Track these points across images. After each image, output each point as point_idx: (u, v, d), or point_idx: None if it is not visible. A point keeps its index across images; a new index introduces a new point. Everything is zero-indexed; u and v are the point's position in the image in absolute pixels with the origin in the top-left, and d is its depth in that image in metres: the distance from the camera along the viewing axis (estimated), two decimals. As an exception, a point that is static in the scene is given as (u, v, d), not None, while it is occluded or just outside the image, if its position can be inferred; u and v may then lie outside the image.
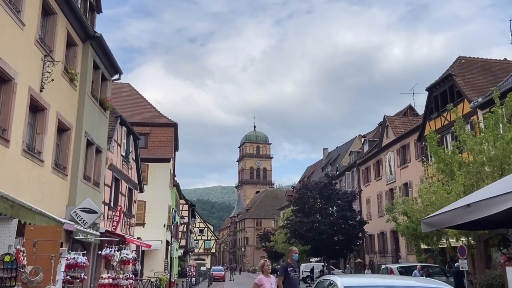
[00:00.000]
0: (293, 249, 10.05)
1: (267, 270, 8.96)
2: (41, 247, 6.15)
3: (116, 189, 21.19)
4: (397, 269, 23.57)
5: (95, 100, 16.73)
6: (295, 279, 9.56)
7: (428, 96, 31.39)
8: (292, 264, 9.68)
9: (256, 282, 8.77)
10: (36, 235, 6.16)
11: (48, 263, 6.16)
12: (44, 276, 6.01)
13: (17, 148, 11.04)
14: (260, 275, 9.00)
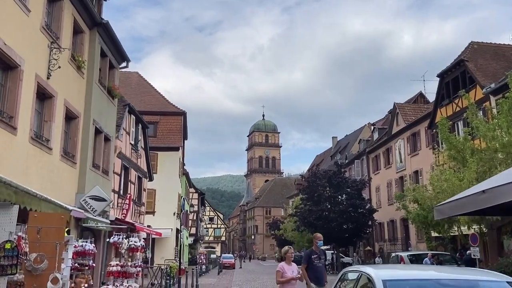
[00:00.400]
0: (317, 235, 9.52)
1: (290, 257, 8.60)
2: (45, 234, 6.02)
3: (126, 177, 21.19)
4: (408, 257, 23.39)
5: (103, 88, 16.65)
6: (319, 266, 9.13)
7: (439, 82, 30.92)
8: (317, 251, 9.24)
9: (279, 269, 8.45)
10: (40, 222, 6.03)
11: (53, 251, 6.04)
12: (49, 264, 5.90)
13: (25, 135, 10.99)
14: (282, 263, 8.67)
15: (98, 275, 15.90)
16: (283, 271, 8.33)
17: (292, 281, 8.30)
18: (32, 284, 5.71)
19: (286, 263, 8.51)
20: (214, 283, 26.55)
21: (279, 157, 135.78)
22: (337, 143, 75.17)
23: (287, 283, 8.29)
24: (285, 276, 8.31)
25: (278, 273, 8.37)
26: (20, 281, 5.65)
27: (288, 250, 8.69)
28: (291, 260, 8.58)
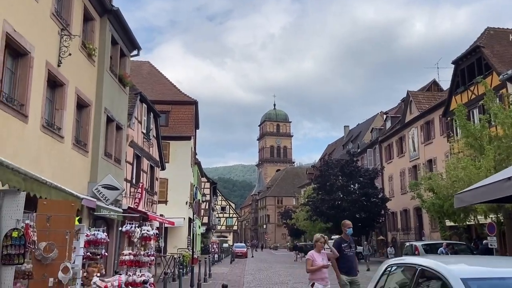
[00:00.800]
0: (346, 223, 9.03)
1: (320, 245, 8.26)
2: (55, 223, 5.83)
3: (138, 166, 21.13)
4: (422, 246, 23.13)
5: (114, 76, 16.52)
6: (350, 256, 8.68)
7: (454, 69, 30.38)
8: (347, 240, 8.76)
9: (308, 257, 8.20)
10: (49, 209, 5.82)
11: (63, 239, 5.85)
12: (59, 253, 5.73)
13: (36, 123, 10.90)
14: (312, 251, 8.36)
15: (111, 264, 15.90)
16: (313, 260, 8.05)
17: (323, 269, 8.05)
18: (42, 274, 5.55)
19: (316, 251, 8.24)
20: (226, 272, 26.53)
21: (290, 146, 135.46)
22: (349, 132, 74.65)
23: (318, 271, 8.01)
24: (315, 265, 8.04)
25: (308, 262, 8.10)
26: (28, 271, 5.49)
27: (319, 238, 8.35)
28: (321, 248, 8.28)
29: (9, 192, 5.18)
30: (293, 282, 20.04)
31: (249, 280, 21.30)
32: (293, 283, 19.63)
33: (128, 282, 8.34)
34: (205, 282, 19.18)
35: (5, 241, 5.10)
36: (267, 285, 19.09)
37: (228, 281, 20.38)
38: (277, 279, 21.78)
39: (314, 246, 8.44)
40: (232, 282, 19.67)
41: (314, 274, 8.06)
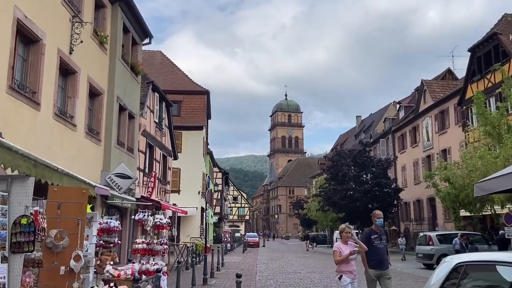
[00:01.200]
0: (377, 213, 8.41)
1: (345, 237, 7.76)
2: (66, 210, 5.64)
3: (150, 156, 21.11)
4: (437, 237, 22.89)
5: (126, 64, 16.41)
6: (381, 248, 8.09)
7: (471, 57, 29.82)
8: (377, 231, 8.19)
9: (335, 249, 7.69)
10: (60, 196, 5.64)
11: (75, 227, 5.68)
12: (70, 241, 5.58)
13: (49, 111, 10.84)
14: (338, 242, 7.89)
15: (125, 253, 15.93)
16: (340, 251, 7.61)
17: (351, 261, 7.56)
18: (52, 262, 5.42)
19: (342, 242, 7.79)
20: (239, 261, 26.55)
21: (302, 137, 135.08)
22: (361, 122, 74.08)
23: (346, 263, 7.56)
24: (343, 255, 7.61)
25: (336, 253, 7.66)
26: (38, 259, 5.37)
27: (344, 228, 7.85)
28: (347, 239, 7.78)
29: (17, 178, 5.06)
30: (305, 272, 19.95)
31: (261, 269, 21.26)
32: (306, 273, 19.54)
33: (141, 271, 8.27)
34: (218, 271, 19.18)
35: (14, 229, 4.99)
36: (280, 274, 19.02)
37: (241, 270, 20.35)
38: (290, 269, 21.71)
39: (340, 238, 7.93)
40: (245, 271, 19.63)
41: (341, 266, 7.61)
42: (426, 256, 22.32)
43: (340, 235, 7.86)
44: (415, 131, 41.05)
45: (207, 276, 15.46)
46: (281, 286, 14.90)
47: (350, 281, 7.49)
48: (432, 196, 36.61)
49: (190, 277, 13.06)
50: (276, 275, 18.76)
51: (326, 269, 21.66)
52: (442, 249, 22.02)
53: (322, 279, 17.06)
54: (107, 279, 7.31)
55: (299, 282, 15.98)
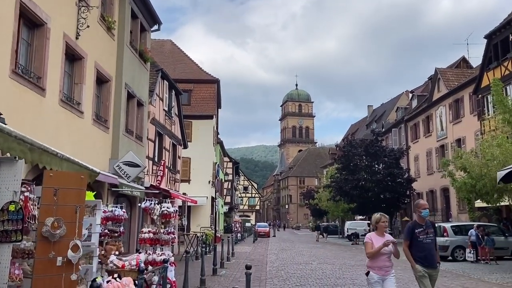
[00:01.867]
0: (421, 203, 7.27)
1: (383, 227, 6.82)
2: (63, 196, 5.26)
3: (160, 144, 20.86)
4: (452, 228, 22.42)
5: (135, 51, 16.10)
6: (427, 243, 6.96)
7: (487, 44, 29.05)
8: (422, 224, 7.07)
9: (367, 241, 6.75)
10: (56, 182, 5.26)
11: (72, 215, 5.28)
12: (68, 229, 5.21)
13: (54, 97, 10.57)
14: (371, 233, 6.93)
15: (134, 242, 15.74)
16: (372, 243, 6.63)
17: (383, 256, 6.56)
18: (49, 252, 5.10)
19: (377, 233, 6.82)
20: (249, 251, 26.33)
21: (312, 127, 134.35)
22: (373, 112, 73.34)
23: (377, 258, 6.57)
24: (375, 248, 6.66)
25: (368, 245, 6.72)
26: (29, 249, 5.04)
27: (380, 218, 6.87)
28: (384, 230, 6.85)
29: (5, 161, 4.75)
30: (317, 263, 19.65)
31: (272, 260, 21.01)
32: (318, 264, 19.24)
33: (147, 261, 8.01)
34: (228, 261, 18.96)
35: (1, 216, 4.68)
36: (290, 265, 18.74)
37: (251, 261, 20.14)
38: (301, 259, 21.43)
39: (374, 229, 6.97)
40: (255, 262, 19.39)
41: (372, 261, 6.64)
42: (440, 248, 21.71)
43: (375, 226, 6.91)
44: (428, 120, 40.39)
45: (216, 267, 15.23)
46: (292, 277, 14.61)
47: (379, 278, 6.53)
48: (446, 186, 36.12)
49: (199, 267, 12.81)
50: (287, 265, 18.49)
51: (338, 260, 21.36)
52: (457, 240, 21.60)
53: (334, 270, 16.75)
54: (111, 270, 7.04)
55: (310, 273, 15.68)
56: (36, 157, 4.67)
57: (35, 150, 4.65)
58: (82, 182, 5.44)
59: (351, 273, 15.74)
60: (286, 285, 12.86)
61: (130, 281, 6.47)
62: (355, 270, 16.69)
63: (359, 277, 14.69)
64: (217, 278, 14.04)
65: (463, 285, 13.22)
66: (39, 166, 4.94)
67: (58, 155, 5.32)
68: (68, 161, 5.51)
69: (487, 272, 16.51)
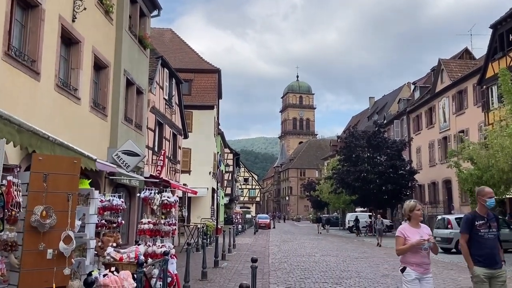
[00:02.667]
0: (486, 191, 5.99)
1: (418, 216, 5.71)
2: (53, 183, 4.80)
3: (160, 134, 20.42)
4: (456, 220, 22.05)
5: (134, 36, 15.61)
6: (490, 239, 5.78)
7: (492, 34, 28.52)
8: (484, 215, 5.87)
9: (399, 235, 5.65)
10: (46, 167, 4.77)
11: (64, 203, 4.85)
12: (59, 219, 4.76)
13: (50, 82, 10.12)
14: (404, 224, 5.80)
15: (133, 234, 15.36)
16: (405, 237, 5.57)
17: (420, 251, 5.49)
18: (39, 244, 4.66)
19: (410, 225, 5.72)
20: (251, 243, 26.02)
21: (313, 118, 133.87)
22: (374, 103, 72.87)
23: (413, 252, 5.52)
24: (408, 243, 5.56)
25: (399, 240, 5.63)
26: (12, 241, 4.51)
27: (414, 205, 5.75)
28: (419, 220, 5.74)
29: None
30: (320, 255, 19.31)
31: (274, 252, 20.68)
32: (321, 256, 18.90)
33: (147, 253, 7.61)
34: (230, 253, 18.63)
35: (-23, 202, 4.22)
36: (293, 257, 18.40)
37: (253, 253, 19.81)
38: (303, 251, 21.10)
39: (408, 219, 5.81)
40: (257, 254, 19.03)
41: (407, 256, 5.59)
42: (444, 240, 21.55)
43: (409, 215, 5.77)
44: (431, 112, 39.98)
45: (218, 259, 14.88)
46: (296, 270, 14.25)
47: (418, 276, 5.51)
48: (448, 178, 35.78)
49: (201, 259, 12.47)
50: (289, 257, 18.15)
51: (341, 252, 21.03)
52: (461, 232, 21.23)
53: (338, 262, 16.40)
54: (108, 263, 6.65)
55: (314, 266, 15.34)
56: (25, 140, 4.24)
57: (24, 132, 4.22)
58: (75, 167, 4.98)
59: (356, 266, 15.39)
60: (290, 278, 12.50)
61: (129, 275, 6.08)
62: (360, 263, 16.35)
63: (364, 269, 14.36)
64: (219, 271, 13.69)
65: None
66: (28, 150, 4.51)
67: (50, 139, 4.90)
68: (61, 146, 5.09)
69: (493, 265, 16.16)
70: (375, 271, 13.96)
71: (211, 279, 11.93)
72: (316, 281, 11.91)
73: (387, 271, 14.02)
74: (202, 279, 11.79)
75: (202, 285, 11.16)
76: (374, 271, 13.96)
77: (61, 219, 4.77)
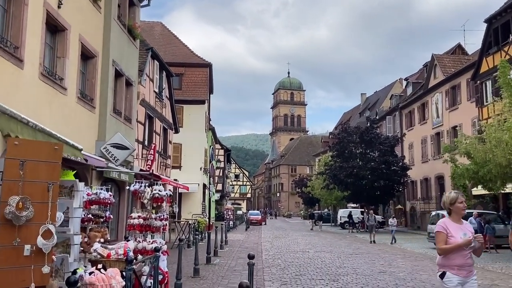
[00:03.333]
0: None
1: (461, 210, 4.90)
2: (31, 171, 4.28)
3: (150, 127, 19.91)
4: (450, 215, 21.83)
5: (123, 26, 15.09)
6: None
7: (487, 28, 28.29)
8: None
9: (440, 230, 4.80)
10: (23, 152, 4.25)
11: (44, 194, 4.32)
12: (37, 211, 4.24)
13: (34, 70, 9.61)
14: (446, 219, 4.93)
15: (122, 229, 14.90)
16: (447, 233, 4.75)
17: (466, 251, 4.71)
18: (14, 239, 4.15)
19: (452, 219, 4.89)
20: (243, 239, 25.63)
21: (304, 115, 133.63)
22: (366, 100, 72.72)
23: (460, 252, 4.69)
24: (450, 242, 4.71)
25: (441, 236, 4.77)
26: None
27: (456, 197, 4.91)
28: (462, 214, 4.95)
29: None
30: (314, 251, 18.96)
31: (267, 248, 20.31)
32: (315, 252, 18.55)
33: (137, 250, 7.17)
34: (222, 249, 18.23)
35: None
36: (287, 253, 18.02)
37: (246, 249, 19.42)
38: (297, 248, 20.74)
39: (448, 213, 5.00)
40: (250, 250, 18.64)
41: (448, 258, 4.73)
42: (439, 236, 21.33)
43: (449, 209, 4.95)
44: (424, 107, 39.79)
45: (210, 255, 14.46)
46: (290, 266, 13.88)
47: (460, 280, 4.70)
48: (441, 174, 35.64)
49: (192, 256, 12.04)
50: (283, 254, 17.77)
51: (335, 248, 20.71)
52: (456, 228, 21.02)
53: (333, 259, 16.05)
54: (95, 260, 6.20)
55: (309, 262, 14.97)
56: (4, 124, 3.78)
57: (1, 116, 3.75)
58: (57, 154, 4.47)
59: (352, 262, 15.06)
60: (285, 275, 12.12)
61: (117, 273, 5.63)
62: (355, 259, 16.03)
63: (361, 266, 14.04)
64: (211, 267, 13.28)
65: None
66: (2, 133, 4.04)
67: (30, 124, 4.45)
68: (43, 132, 4.63)
69: (489, 261, 15.98)
70: (371, 268, 13.64)
71: (203, 276, 11.51)
72: (312, 278, 11.54)
73: (384, 268, 13.71)
74: (194, 276, 11.37)
75: (194, 282, 10.75)
76: (370, 268, 13.64)
77: (40, 212, 4.26)
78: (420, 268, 13.77)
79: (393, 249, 20.43)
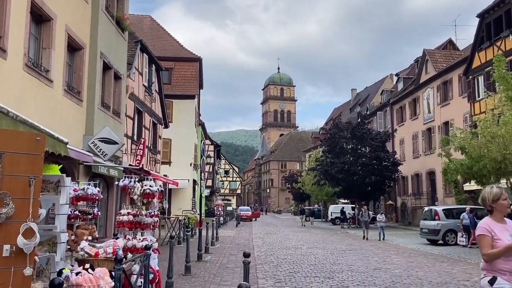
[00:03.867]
0: None
1: (505, 208, 4.15)
2: (11, 164, 3.90)
3: (139, 122, 19.49)
4: (443, 211, 21.75)
5: (111, 17, 14.64)
6: None
7: (479, 23, 28.21)
8: None
9: (483, 233, 4.02)
10: (1, 144, 3.89)
11: (25, 189, 3.95)
12: (17, 208, 3.88)
13: (18, 60, 9.20)
14: (488, 219, 4.13)
15: (111, 227, 14.51)
16: (492, 235, 4.00)
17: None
18: None
19: (494, 219, 4.12)
20: (234, 235, 25.34)
21: (294, 111, 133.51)
22: (357, 95, 72.71)
23: (505, 258, 3.93)
24: (497, 245, 3.95)
25: (485, 240, 4.01)
26: None
27: (500, 192, 4.14)
28: (506, 213, 4.20)
29: None
30: (306, 247, 18.73)
31: (259, 244, 20.03)
32: (307, 248, 18.31)
33: (126, 248, 6.84)
34: (213, 246, 17.93)
35: None
36: (279, 250, 17.76)
37: (237, 245, 19.15)
38: (289, 244, 20.49)
39: (490, 212, 4.18)
40: (241, 246, 18.41)
41: (497, 262, 3.98)
42: (431, 232, 21.23)
43: (491, 206, 4.16)
44: (415, 103, 39.74)
45: (201, 252, 14.16)
46: (284, 263, 13.61)
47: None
48: (432, 170, 35.65)
49: (183, 253, 11.75)
50: (275, 250, 17.50)
51: (327, 244, 20.50)
52: (449, 224, 20.96)
53: (326, 255, 15.81)
54: (82, 259, 5.86)
55: (302, 259, 14.71)
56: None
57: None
58: (39, 146, 4.10)
59: (346, 259, 14.83)
60: (279, 272, 11.85)
61: (106, 273, 5.30)
62: (349, 255, 15.82)
63: (355, 262, 13.82)
64: (203, 264, 12.98)
65: (464, 271, 12.41)
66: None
67: (10, 114, 4.10)
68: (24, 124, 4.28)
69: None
70: (366, 264, 13.42)
71: (195, 274, 11.21)
72: (306, 275, 11.29)
73: (379, 264, 13.50)
74: (185, 274, 11.07)
75: (186, 280, 10.44)
76: (365, 264, 13.42)
77: (21, 208, 3.88)
78: (415, 264, 13.58)
79: (386, 245, 20.27)
